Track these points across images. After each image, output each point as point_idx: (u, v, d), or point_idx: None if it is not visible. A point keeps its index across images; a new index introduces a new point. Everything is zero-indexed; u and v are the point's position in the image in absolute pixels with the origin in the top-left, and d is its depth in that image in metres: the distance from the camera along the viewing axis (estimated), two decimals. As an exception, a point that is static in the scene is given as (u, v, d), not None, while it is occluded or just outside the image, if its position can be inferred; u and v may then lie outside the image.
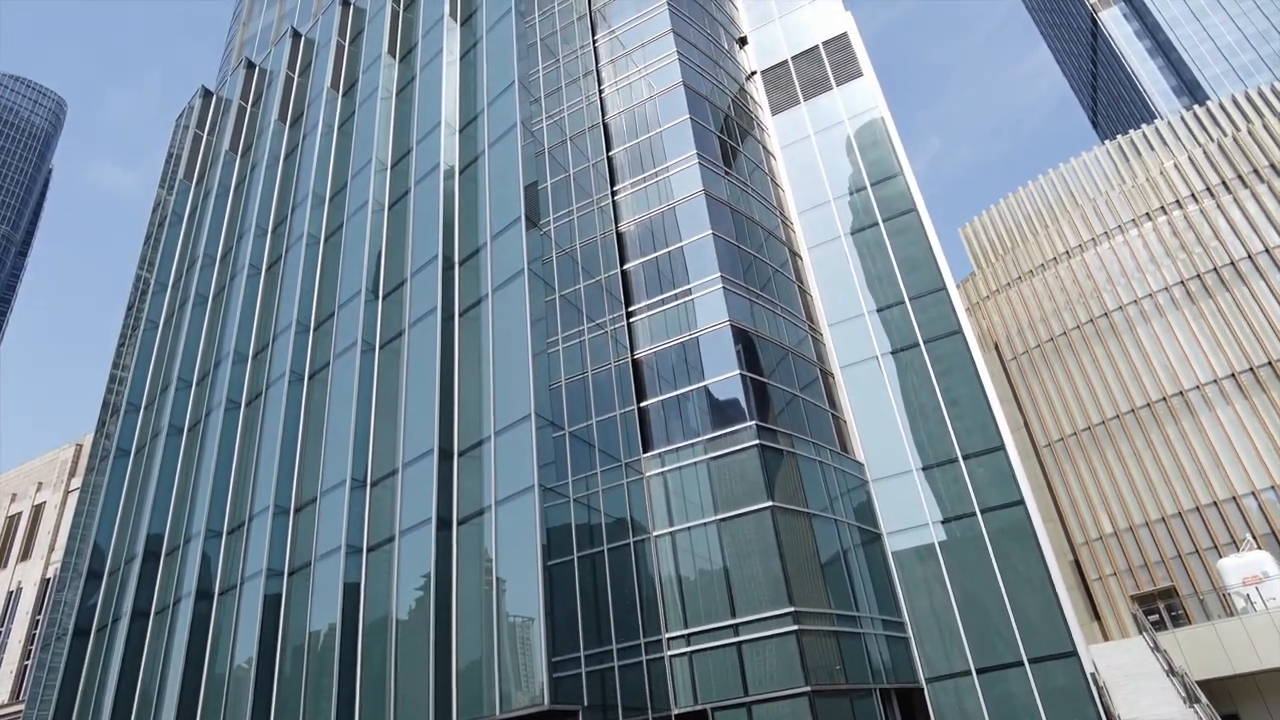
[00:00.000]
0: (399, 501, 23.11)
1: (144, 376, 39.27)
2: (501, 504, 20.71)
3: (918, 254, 28.67)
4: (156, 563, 31.09)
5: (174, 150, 50.29)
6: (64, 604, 35.62)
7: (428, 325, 25.50)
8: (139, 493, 34.59)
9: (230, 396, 31.71)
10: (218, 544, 28.54)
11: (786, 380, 26.03)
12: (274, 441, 28.14)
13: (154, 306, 41.88)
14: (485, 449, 21.95)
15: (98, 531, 35.57)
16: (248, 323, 33.60)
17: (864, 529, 24.87)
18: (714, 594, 22.00)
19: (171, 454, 33.61)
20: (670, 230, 28.71)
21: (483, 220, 26.21)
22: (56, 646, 34.04)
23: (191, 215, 43.91)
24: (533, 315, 22.98)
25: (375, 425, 25.36)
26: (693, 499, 23.30)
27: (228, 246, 38.76)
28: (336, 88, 37.36)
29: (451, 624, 20.20)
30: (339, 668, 21.80)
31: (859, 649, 22.14)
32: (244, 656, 25.13)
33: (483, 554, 20.63)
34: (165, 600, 29.65)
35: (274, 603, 25.12)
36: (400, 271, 27.95)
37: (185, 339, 37.03)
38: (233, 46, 54.40)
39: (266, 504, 26.90)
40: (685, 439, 24.26)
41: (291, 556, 25.57)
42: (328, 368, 28.14)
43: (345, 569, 23.18)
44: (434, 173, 28.79)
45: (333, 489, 25.17)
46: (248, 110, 44.46)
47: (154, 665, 28.36)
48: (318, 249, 32.27)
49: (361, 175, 31.96)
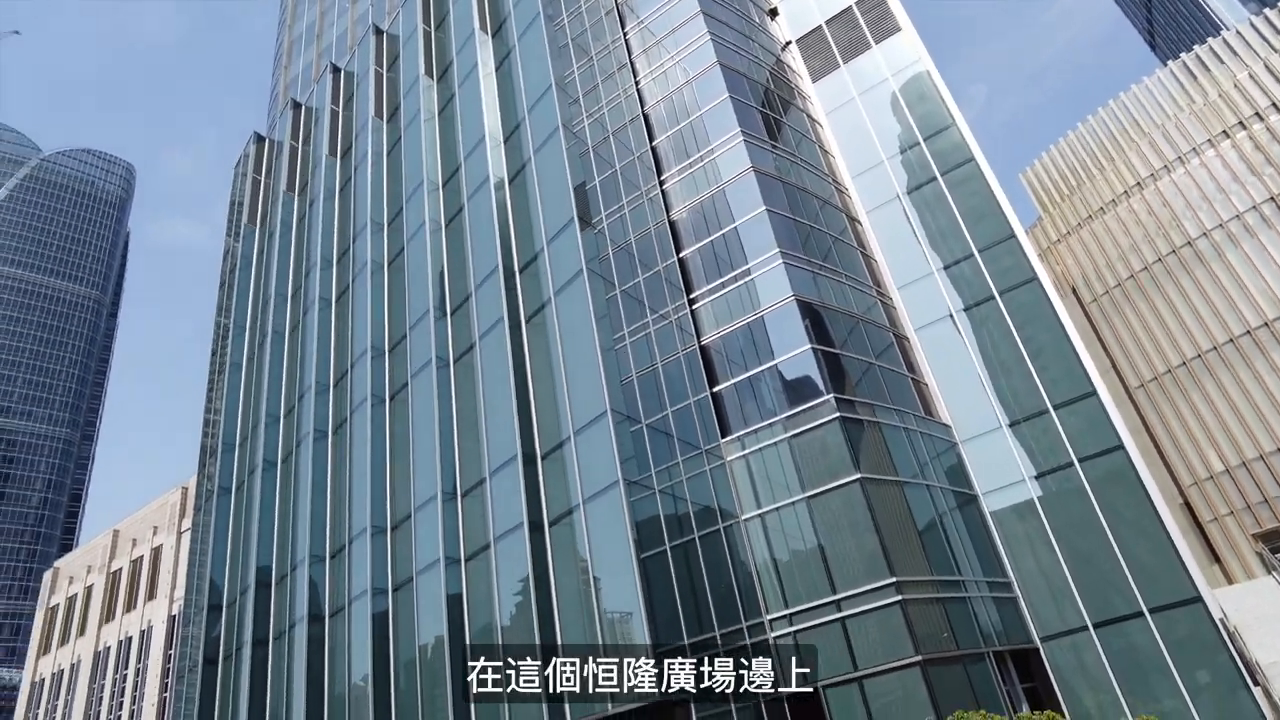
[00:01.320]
0: (490, 509, 23.59)
1: (234, 416, 41.04)
2: (589, 502, 20.93)
3: (981, 204, 27.72)
4: (269, 591, 32.49)
5: (235, 197, 52.33)
6: (190, 638, 37.59)
7: (496, 336, 25.92)
8: (244, 527, 36.22)
9: (317, 426, 32.87)
10: (322, 569, 29.66)
11: (860, 349, 25.55)
12: (363, 464, 29.07)
13: (235, 349, 43.70)
14: (567, 449, 22.21)
15: (212, 567, 37.39)
16: (325, 353, 34.75)
17: (958, 492, 24.24)
18: (811, 572, 21.78)
19: (269, 487, 35.06)
20: (722, 212, 28.46)
21: (537, 226, 26.48)
22: (190, 677, 35.96)
23: (259, 257, 45.62)
24: (596, 313, 23.11)
25: (459, 438, 25.94)
26: (777, 479, 23.11)
27: (297, 283, 40.12)
28: (381, 115, 38.22)
29: (555, 624, 20.53)
30: (451, 677, 22.43)
31: (966, 613, 21.62)
32: (359, 674, 26.07)
33: (576, 553, 20.90)
34: (281, 626, 30.96)
35: (382, 620, 25.97)
36: (464, 287, 28.47)
37: (268, 376, 38.54)
38: (278, 90, 56.22)
39: (364, 525, 27.82)
40: (763, 420, 24.04)
41: (393, 573, 26.39)
42: (406, 388, 28.89)
43: (446, 580, 23.81)
44: (484, 186, 29.21)
45: (425, 504, 25.85)
46: (299, 149, 45.90)
47: (279, 687, 29.68)
48: (382, 274, 33.12)
49: (415, 198, 32.65)
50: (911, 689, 19.30)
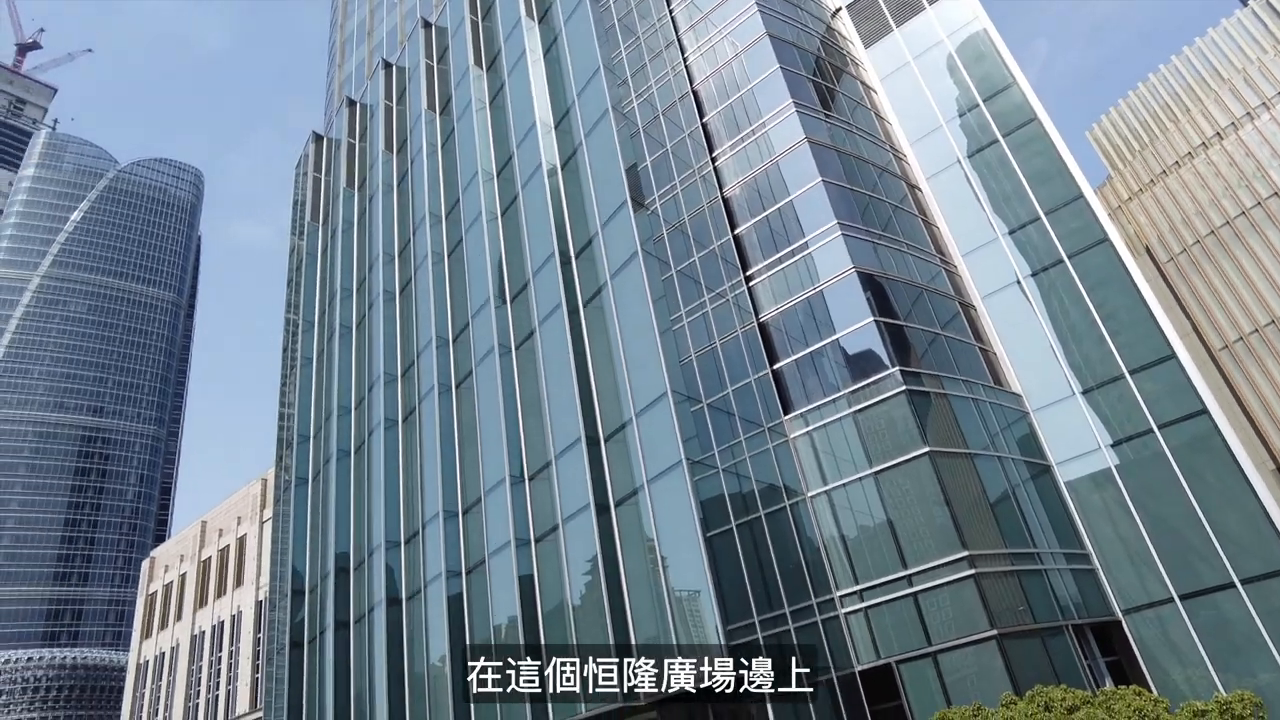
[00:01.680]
0: (556, 492, 23.98)
1: (308, 409, 42.49)
2: (653, 482, 21.08)
3: (1046, 165, 26.71)
4: (348, 576, 33.71)
5: (298, 197, 53.82)
6: (277, 622, 39.32)
7: (555, 321, 26.20)
8: (321, 515, 37.58)
9: (387, 415, 33.81)
10: (398, 553, 30.61)
11: (924, 320, 25.02)
12: (433, 451, 29.82)
13: (306, 344, 45.15)
14: (629, 431, 22.38)
15: (293, 554, 38.96)
16: (391, 345, 35.65)
17: (1031, 462, 23.62)
18: (880, 547, 21.57)
19: (343, 476, 36.27)
20: (777, 186, 28.09)
21: (591, 210, 26.58)
22: (278, 659, 37.67)
23: (324, 254, 46.92)
24: (653, 294, 23.13)
25: (524, 422, 26.38)
26: (843, 455, 22.88)
27: (361, 277, 41.16)
28: (433, 108, 38.75)
29: (625, 603, 20.82)
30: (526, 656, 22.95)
31: (1043, 586, 21.13)
32: (437, 654, 26.91)
33: (643, 533, 21.10)
34: (361, 610, 32.13)
35: (456, 602, 26.71)
36: (522, 274, 28.81)
37: (338, 369, 39.74)
38: (332, 88, 57.44)
39: (436, 510, 28.58)
40: (826, 395, 23.79)
41: (466, 556, 27.09)
42: (471, 375, 29.46)
43: (517, 562, 24.34)
44: (537, 173, 29.42)
45: (494, 488, 26.41)
46: (356, 146, 46.90)
47: (361, 668, 30.86)
48: (443, 265, 33.73)
49: (471, 188, 33.09)
50: (987, 663, 19.01)
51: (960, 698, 18.71)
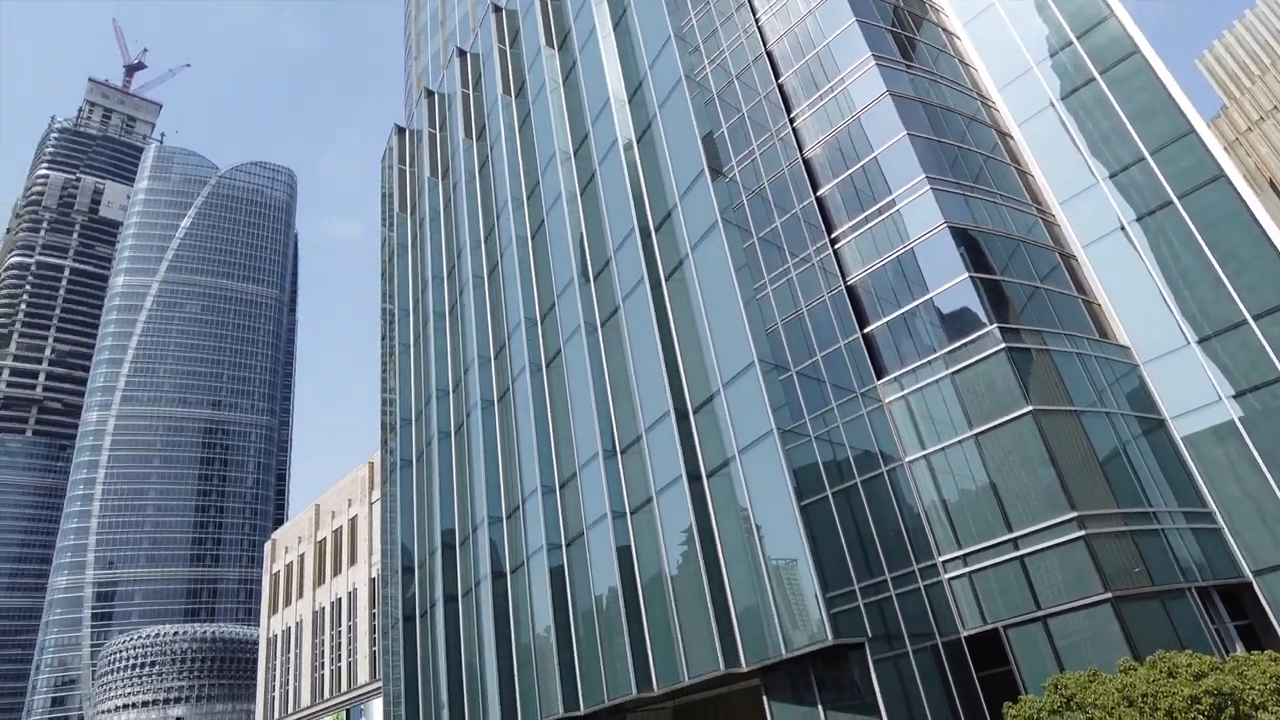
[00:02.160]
0: (648, 464, 24.27)
1: (408, 394, 44.19)
2: (744, 452, 21.07)
3: (1150, 100, 24.92)
4: (453, 552, 35.13)
5: (385, 189, 55.58)
6: (389, 597, 41.38)
7: (638, 296, 26.34)
8: (426, 494, 39.18)
9: (483, 396, 34.85)
10: (500, 528, 31.68)
11: (1023, 273, 23.95)
12: (528, 429, 30.61)
13: (402, 331, 46.85)
14: (717, 402, 22.39)
15: (401, 533, 40.82)
16: (483, 328, 36.62)
17: (1143, 417, 22.40)
18: (983, 511, 20.96)
19: (445, 456, 37.65)
20: (860, 143, 27.26)
21: (668, 182, 26.48)
22: (393, 633, 39.71)
23: (414, 243, 48.41)
24: (735, 264, 22.94)
25: (613, 397, 26.76)
26: (941, 418, 22.25)
27: (450, 264, 42.33)
28: (509, 92, 39.23)
29: (721, 572, 20.99)
30: (627, 624, 23.49)
31: (1160, 547, 20.10)
32: (542, 624, 27.79)
33: (736, 503, 21.16)
34: (468, 584, 33.46)
35: (558, 574, 27.49)
36: (603, 251, 29.03)
37: (434, 354, 41.13)
38: (411, 81, 58.81)
39: (534, 486, 29.39)
40: (920, 357, 23.14)
41: (565, 529, 27.80)
42: (560, 354, 30.01)
43: (614, 534, 24.83)
44: (613, 149, 29.46)
45: (588, 463, 26.95)
46: (438, 135, 48.00)
47: (470, 639, 32.21)
48: (527, 247, 34.33)
49: (549, 169, 33.44)
50: (1102, 627, 18.29)
51: (1074, 663, 18.11)
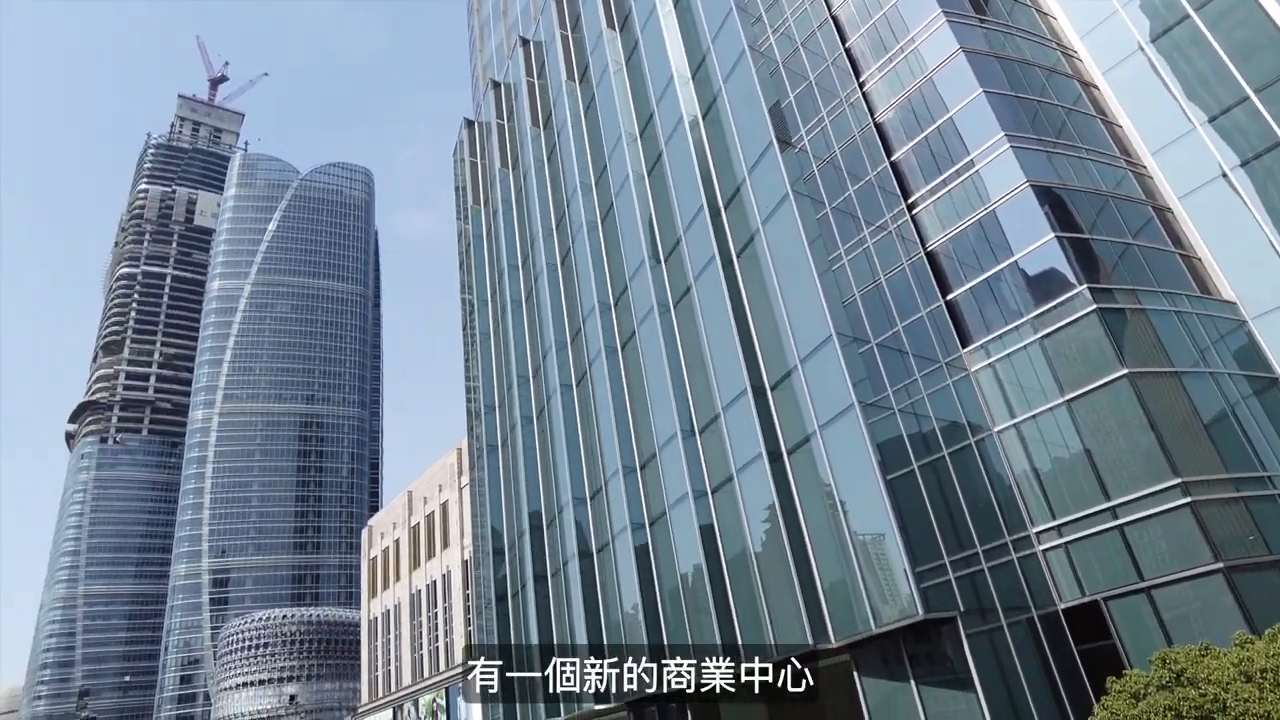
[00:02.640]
0: (727, 443, 24.25)
1: (490, 381, 45.27)
2: (825, 428, 20.82)
3: (1253, 34, 23.17)
4: (541, 533, 35.97)
5: (458, 183, 56.73)
6: (481, 579, 42.73)
7: (710, 275, 26.22)
8: (512, 478, 40.18)
9: (562, 381, 35.43)
10: (585, 509, 32.26)
11: (1112, 230, 22.77)
12: (607, 411, 30.99)
13: (481, 321, 47.94)
14: (795, 378, 22.16)
15: (490, 516, 42.01)
16: (558, 314, 37.15)
17: (1252, 376, 21.07)
18: (1078, 479, 20.17)
19: (528, 441, 38.49)
20: (934, 104, 26.33)
21: (736, 157, 26.18)
22: (486, 612, 41.02)
23: (488, 235, 49.34)
24: (808, 236, 22.55)
25: (689, 377, 26.80)
26: (1030, 384, 21.46)
27: (524, 253, 43.00)
28: (573, 78, 39.38)
29: (807, 549, 20.87)
30: (713, 602, 23.65)
31: (1277, 513, 18.96)
32: (630, 603, 28.24)
33: (819, 479, 20.95)
34: (556, 564, 34.23)
35: (643, 552, 27.85)
36: (673, 231, 28.97)
37: (513, 341, 41.98)
38: (477, 73, 59.66)
39: (615, 467, 29.78)
40: (1007, 323, 22.32)
41: (648, 509, 28.11)
42: (634, 336, 30.20)
43: (696, 512, 24.96)
44: (679, 126, 29.29)
45: (667, 443, 27.12)
46: (505, 126, 48.64)
47: (561, 618, 33.00)
48: (598, 232, 34.56)
49: (616, 152, 33.50)
50: (1213, 599, 17.42)
51: (1182, 636, 17.32)
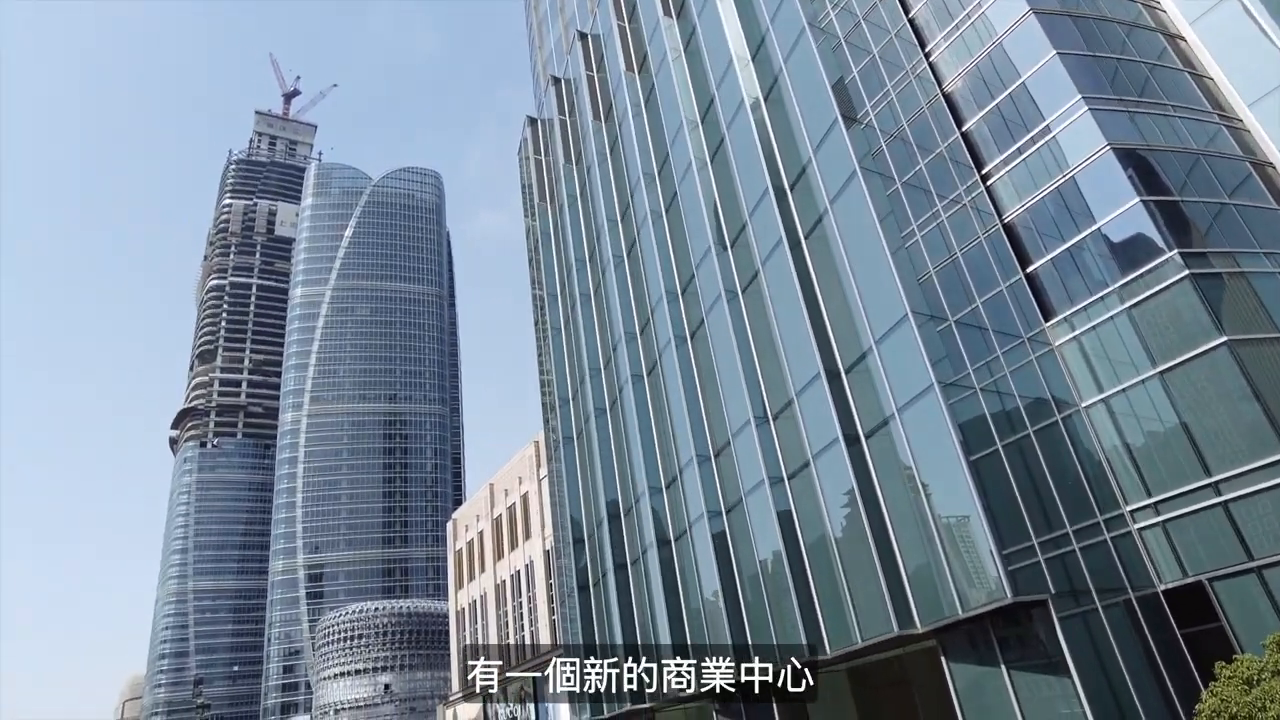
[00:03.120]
0: (802, 428, 24.00)
1: (563, 374, 45.89)
2: (903, 410, 20.40)
3: (1363, -35, 21.54)
4: (619, 523, 36.36)
5: (524, 180, 57.49)
6: (563, 568, 43.47)
7: (778, 258, 25.93)
8: (588, 469, 40.69)
9: (633, 372, 35.64)
10: (661, 498, 32.44)
11: (1205, 190, 21.51)
12: (679, 400, 31.05)
13: (552, 315, 48.59)
14: (870, 360, 21.76)
15: (569, 506, 42.67)
16: (627, 305, 37.36)
17: (1371, 337, 19.64)
18: (1175, 455, 19.22)
19: (603, 432, 38.91)
20: (1004, 69, 25.34)
21: (800, 137, 25.77)
22: (569, 601, 41.74)
23: (555, 231, 49.91)
24: (878, 213, 22.06)
25: (760, 363, 26.60)
26: (1119, 357, 20.53)
27: (591, 246, 43.35)
28: (632, 69, 39.38)
29: (889, 533, 20.53)
30: (794, 588, 23.51)
31: (1401, 484, 17.66)
32: (710, 589, 28.31)
33: (899, 462, 20.56)
34: (635, 553, 34.56)
35: (721, 539, 27.86)
36: (739, 216, 28.74)
37: (583, 334, 42.43)
38: (537, 70, 60.19)
39: (689, 456, 29.84)
40: (1092, 294, 21.37)
41: (724, 496, 28.09)
42: (703, 324, 30.14)
43: (773, 499, 24.82)
44: (740, 110, 29.00)
45: (740, 430, 27.01)
46: (568, 121, 49.02)
47: (642, 605, 33.33)
48: (662, 222, 34.56)
49: (678, 140, 33.40)
50: (1336, 575, 16.39)
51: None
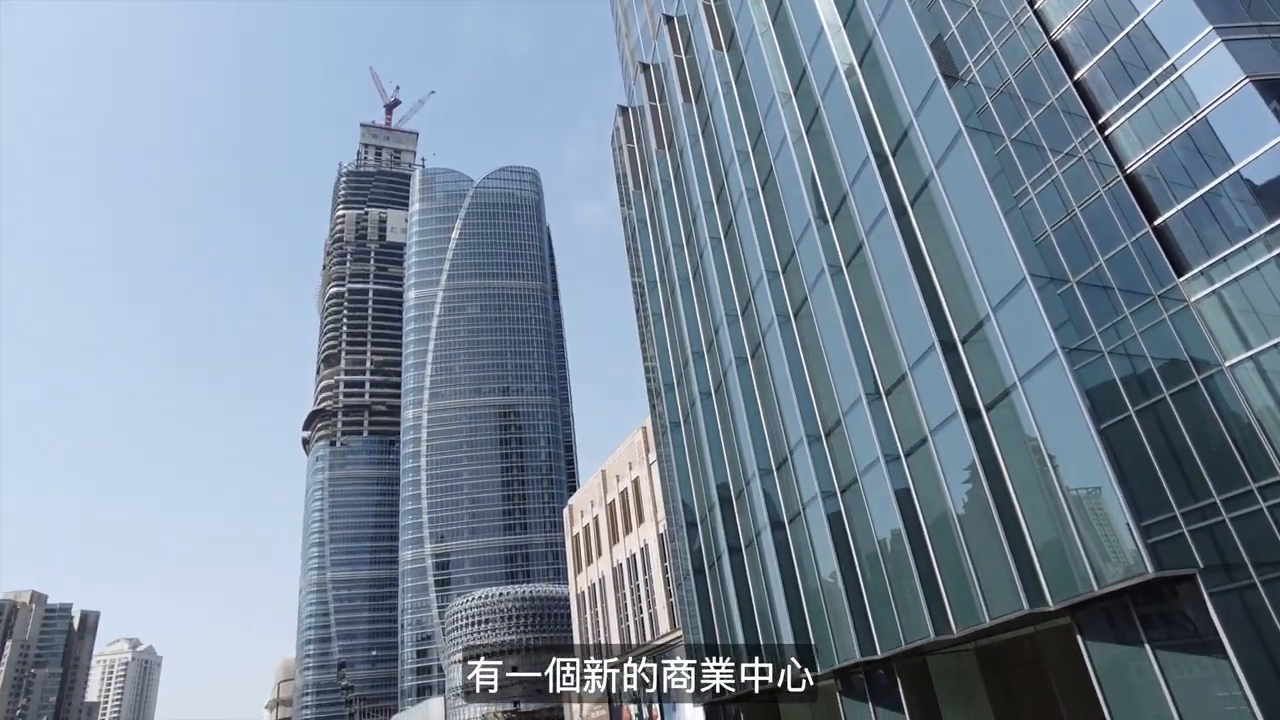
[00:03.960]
0: (918, 403, 23.23)
1: (666, 360, 46.11)
2: (1025, 379, 19.43)
3: None
4: (731, 506, 36.30)
5: (618, 170, 57.90)
6: (677, 551, 43.82)
7: (883, 228, 25.11)
8: (696, 453, 40.78)
9: (736, 354, 35.41)
10: (772, 480, 32.16)
11: (1365, 118, 19.34)
12: (785, 380, 30.63)
13: (653, 301, 48.83)
14: (987, 329, 20.81)
15: (679, 490, 42.93)
16: (726, 287, 37.10)
17: None
18: (1340, 411, 17.48)
19: (709, 415, 38.88)
20: (1120, 8, 23.49)
21: (899, 100, 24.82)
22: (685, 584, 42.07)
23: (651, 217, 50.05)
24: (988, 174, 21.03)
25: (869, 338, 25.88)
26: (1267, 310, 18.80)
27: (687, 230, 43.24)
28: (720, 47, 38.90)
29: (1014, 507, 19.64)
30: (916, 568, 22.85)
31: None
32: (827, 570, 27.91)
33: (1023, 433, 19.61)
34: (748, 535, 34.44)
35: (836, 520, 27.38)
36: (839, 188, 27.98)
37: (684, 319, 42.46)
38: (625, 58, 60.34)
39: (799, 436, 29.42)
40: (1231, 243, 19.62)
41: (837, 476, 27.56)
42: (806, 301, 29.57)
43: (890, 477, 24.16)
44: (834, 78, 28.17)
45: (851, 408, 26.41)
46: (658, 107, 48.95)
47: (758, 587, 33.20)
48: (759, 199, 34.07)
49: (771, 114, 32.80)
50: None
51: None
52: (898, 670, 25.16)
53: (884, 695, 25.83)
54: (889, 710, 25.56)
